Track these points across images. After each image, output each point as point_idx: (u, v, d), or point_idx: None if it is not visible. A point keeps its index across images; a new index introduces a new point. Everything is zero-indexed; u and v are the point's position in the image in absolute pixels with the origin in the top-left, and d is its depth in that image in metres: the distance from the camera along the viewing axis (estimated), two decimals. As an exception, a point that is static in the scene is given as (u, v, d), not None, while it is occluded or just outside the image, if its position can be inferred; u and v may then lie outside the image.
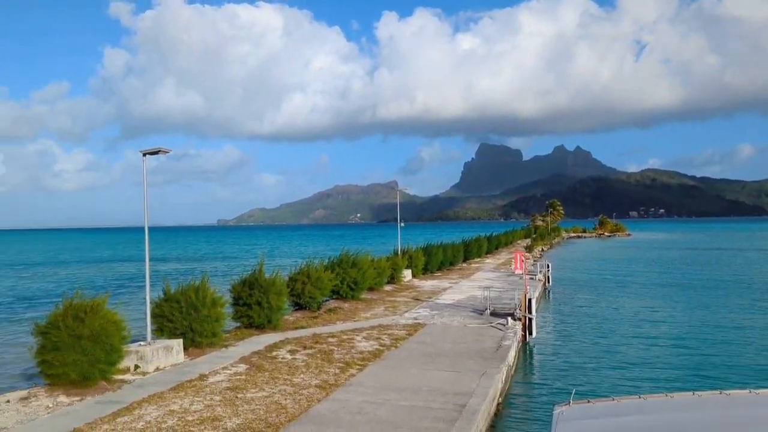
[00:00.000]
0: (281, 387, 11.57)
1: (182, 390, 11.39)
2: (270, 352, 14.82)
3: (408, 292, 28.61)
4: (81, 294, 12.30)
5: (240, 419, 9.56)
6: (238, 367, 13.29)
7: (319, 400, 10.70)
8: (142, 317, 16.16)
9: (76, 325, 11.46)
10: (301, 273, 22.06)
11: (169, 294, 15.38)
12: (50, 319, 11.77)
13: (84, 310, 11.77)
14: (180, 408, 10.20)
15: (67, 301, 12.02)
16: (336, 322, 19.85)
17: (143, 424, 9.33)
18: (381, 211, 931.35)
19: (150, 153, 13.54)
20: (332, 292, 23.96)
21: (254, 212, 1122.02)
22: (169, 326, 15.00)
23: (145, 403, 10.50)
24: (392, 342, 16.03)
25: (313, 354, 14.58)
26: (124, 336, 12.43)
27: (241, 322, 18.25)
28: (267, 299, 17.73)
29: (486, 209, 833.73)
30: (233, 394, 11.08)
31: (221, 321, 15.86)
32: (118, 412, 9.99)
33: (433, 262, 38.58)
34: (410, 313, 21.43)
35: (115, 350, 11.97)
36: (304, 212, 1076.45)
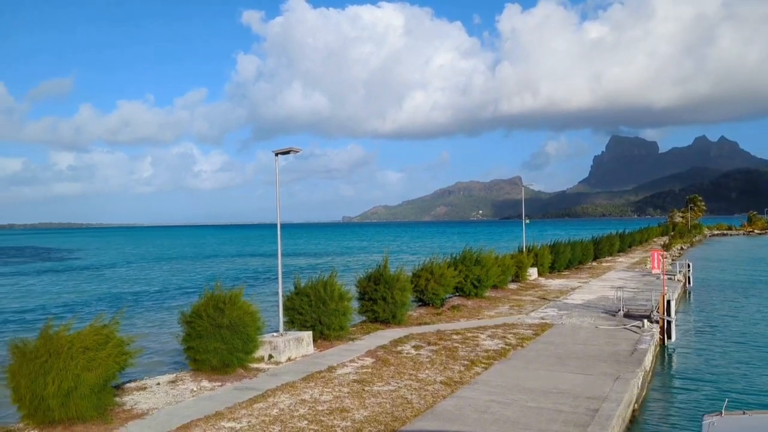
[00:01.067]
0: (406, 382, 11.63)
1: (312, 380, 11.81)
2: (395, 347, 14.98)
3: (534, 290, 27.76)
4: (220, 286, 13.12)
5: (367, 411, 9.72)
6: (365, 361, 13.56)
7: (445, 396, 10.63)
8: (273, 309, 17.02)
9: (216, 315, 12.25)
10: (424, 270, 22.11)
11: (300, 288, 16.02)
12: (194, 310, 12.66)
13: (223, 302, 12.54)
14: (311, 398, 10.57)
15: (209, 293, 12.86)
16: (459, 319, 19.70)
17: (277, 411, 9.77)
18: (503, 207, 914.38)
19: (282, 153, 14.16)
20: (455, 289, 23.81)
21: (377, 209, 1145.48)
22: (299, 319, 15.64)
23: (279, 392, 11.00)
24: (518, 341, 15.60)
25: (437, 350, 14.54)
26: (259, 327, 13.09)
27: (366, 317, 18.64)
28: (391, 295, 17.96)
29: (617, 205, 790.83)
30: (360, 386, 11.31)
31: (348, 315, 16.28)
32: (254, 399, 10.54)
33: (560, 261, 37.15)
34: (537, 313, 20.76)
35: (251, 340, 12.66)
36: (426, 209, 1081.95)
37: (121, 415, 9.80)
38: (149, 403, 10.47)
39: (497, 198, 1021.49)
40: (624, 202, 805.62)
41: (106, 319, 10.04)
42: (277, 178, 14.51)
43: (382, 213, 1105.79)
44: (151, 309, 29.99)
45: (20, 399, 9.20)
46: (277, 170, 14.46)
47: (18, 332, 22.71)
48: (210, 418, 9.51)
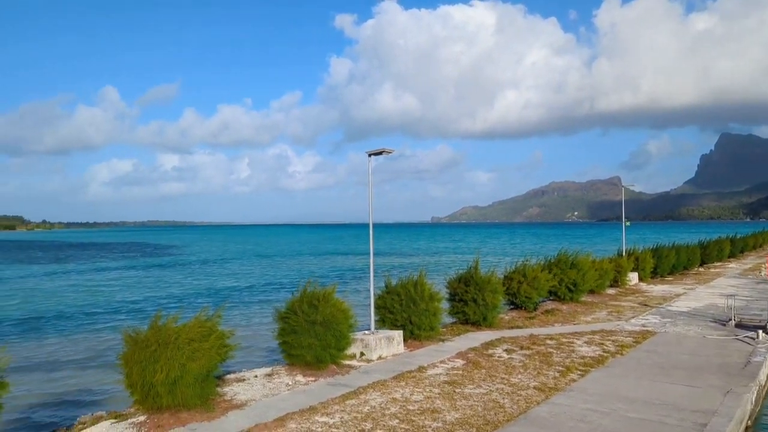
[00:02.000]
0: (498, 385, 11.43)
1: (403, 380, 11.85)
2: (486, 350, 14.76)
3: (634, 296, 26.47)
4: (314, 283, 13.47)
5: (458, 414, 9.63)
6: (455, 362, 13.45)
7: (539, 402, 10.34)
8: (363, 307, 17.24)
9: (310, 311, 12.57)
10: (516, 272, 21.65)
11: (390, 287, 16.14)
12: (289, 306, 13.06)
13: (317, 298, 12.85)
14: (401, 397, 10.61)
15: (303, 290, 13.22)
16: (553, 323, 19.12)
17: (369, 409, 9.88)
18: (600, 209, 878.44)
19: (375, 153, 14.33)
20: (549, 293, 23.13)
21: (467, 210, 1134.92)
22: (390, 318, 15.75)
23: (370, 389, 11.12)
24: (617, 349, 14.92)
25: (530, 355, 14.18)
26: (351, 324, 13.31)
27: (457, 318, 18.49)
28: (482, 297, 17.71)
29: (727, 207, 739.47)
30: (451, 388, 11.23)
31: (438, 315, 16.21)
32: (346, 395, 10.73)
33: (663, 265, 35.17)
34: (637, 320, 19.76)
35: (343, 337, 12.90)
36: (517, 210, 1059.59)
37: (221, 404, 10.26)
38: (247, 395, 10.90)
39: (594, 199, 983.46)
40: (735, 204, 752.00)
41: (209, 312, 10.53)
42: (370, 179, 14.69)
43: (471, 213, 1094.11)
44: (248, 303, 31.28)
45: (132, 385, 9.85)
46: (370, 171, 14.64)
47: (127, 321, 24.42)
48: (304, 412, 9.77)
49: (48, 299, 35.54)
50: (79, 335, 23.32)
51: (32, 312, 30.08)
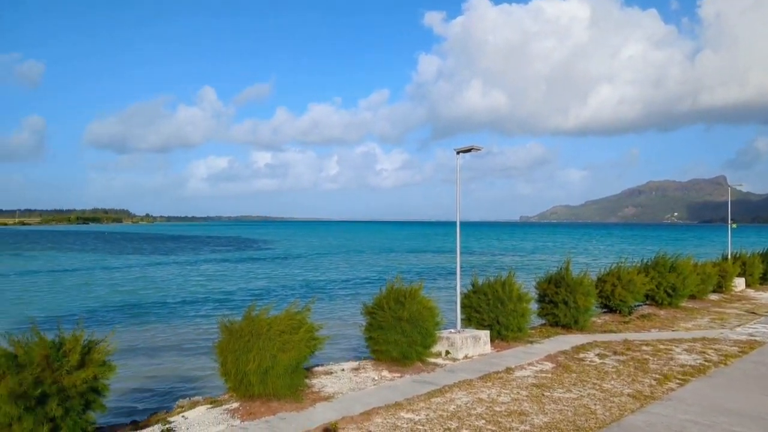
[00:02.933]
0: (590, 391, 11.01)
1: (489, 380, 11.68)
2: (577, 354, 14.27)
3: (740, 303, 24.74)
4: (400, 280, 13.52)
5: (547, 417, 9.36)
6: (544, 365, 13.09)
7: (633, 410, 9.86)
8: (449, 305, 17.14)
9: (397, 308, 12.63)
10: (610, 274, 20.79)
11: (477, 286, 15.94)
12: (375, 301, 13.20)
13: (404, 295, 12.89)
14: (488, 397, 10.45)
15: (390, 286, 13.31)
16: (650, 329, 18.19)
17: (454, 408, 9.81)
18: (702, 210, 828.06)
19: (463, 151, 14.18)
20: (646, 297, 22.06)
21: (557, 209, 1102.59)
22: (476, 317, 15.57)
23: (456, 388, 11.04)
24: (720, 358, 13.99)
25: (624, 361, 13.57)
26: (437, 322, 13.26)
27: (546, 320, 18.00)
28: (574, 299, 17.13)
29: None
30: (539, 391, 10.94)
31: (526, 316, 15.85)
32: (432, 393, 10.70)
33: (774, 271, 32.62)
34: (744, 328, 18.45)
35: (429, 335, 12.87)
36: (612, 210, 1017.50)
37: (310, 396, 10.52)
38: (335, 388, 11.12)
39: (695, 199, 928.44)
40: None
41: (299, 305, 10.82)
42: (458, 176, 14.56)
43: (562, 213, 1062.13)
44: (336, 297, 31.90)
45: (227, 373, 10.29)
46: (458, 168, 14.51)
47: (220, 311, 25.53)
48: (390, 407, 9.83)
49: (150, 288, 37.83)
50: (177, 322, 24.65)
51: (136, 299, 32.12)
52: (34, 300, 32.40)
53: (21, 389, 7.33)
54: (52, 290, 37.14)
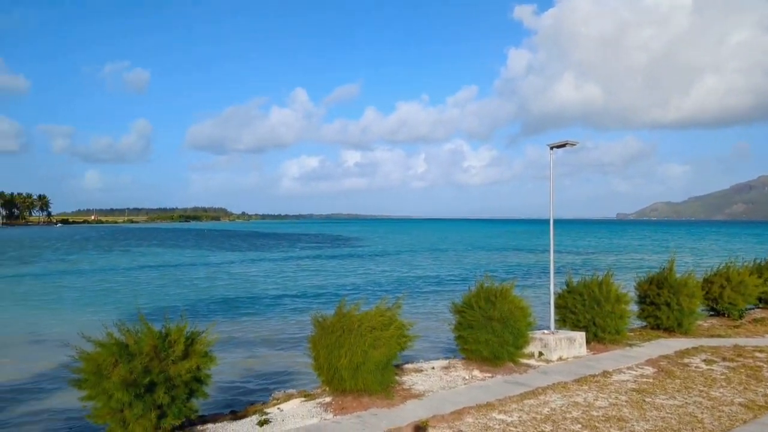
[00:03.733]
0: (696, 398, 10.34)
1: (585, 383, 11.24)
2: (681, 359, 13.46)
3: None
4: (490, 278, 13.29)
5: (648, 425, 8.88)
6: (645, 369, 12.44)
7: (745, 421, 9.16)
8: (541, 306, 16.66)
9: (487, 307, 12.42)
10: (718, 275, 19.47)
11: (572, 286, 15.41)
12: (465, 300, 13.04)
13: (494, 294, 12.66)
14: (584, 401, 10.06)
15: (479, 284, 13.11)
16: (764, 334, 16.88)
17: (548, 411, 9.51)
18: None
19: (557, 146, 13.73)
20: (759, 300, 20.50)
21: (657, 206, 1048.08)
22: (571, 318, 15.05)
23: (549, 390, 10.71)
24: None
25: (734, 368, 12.65)
26: (530, 322, 12.92)
27: (647, 323, 17.14)
28: (677, 301, 16.19)
29: None
30: (640, 396, 10.40)
31: (625, 319, 15.13)
32: (524, 394, 10.43)
33: None
34: None
35: (521, 335, 12.57)
36: (718, 206, 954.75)
37: (400, 392, 10.55)
38: (425, 386, 11.08)
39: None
40: None
41: (389, 302, 10.86)
42: (552, 172, 14.11)
43: (662, 210, 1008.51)
44: (425, 294, 31.88)
45: (319, 367, 10.51)
46: (552, 164, 14.06)
47: (313, 305, 26.16)
48: (481, 407, 9.68)
49: (245, 283, 39.42)
50: (271, 316, 25.52)
51: (232, 294, 33.57)
52: (142, 292, 34.62)
53: (131, 377, 7.81)
54: (156, 284, 39.55)
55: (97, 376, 7.85)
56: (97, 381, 7.85)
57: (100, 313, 26.51)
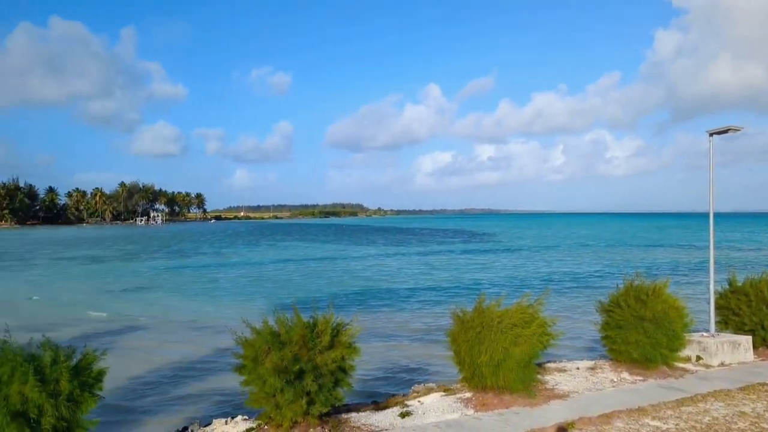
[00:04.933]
0: None
1: (753, 392, 10.19)
2: None
3: None
4: (640, 276, 12.46)
5: (834, 445, 7.86)
6: (826, 381, 11.02)
7: None
8: (695, 306, 15.33)
9: (638, 306, 11.67)
10: None
11: (736, 285, 14.03)
12: (612, 299, 12.35)
13: (645, 293, 11.86)
14: (752, 412, 9.12)
15: (628, 282, 12.34)
16: None
17: (710, 420, 8.74)
18: None
19: (718, 132, 12.55)
20: None
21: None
22: (734, 320, 13.73)
23: (711, 398, 9.84)
24: None
25: None
26: (686, 323, 11.96)
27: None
28: None
29: None
30: (822, 411, 9.22)
31: (800, 323, 13.51)
32: (681, 401, 9.67)
33: None
34: None
35: (676, 337, 11.67)
36: None
37: (543, 392, 10.23)
38: (569, 386, 10.65)
39: None
40: None
41: (530, 299, 10.56)
42: (711, 161, 12.91)
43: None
44: (567, 291, 30.66)
45: (460, 363, 10.47)
46: (711, 152, 12.86)
47: (448, 299, 26.16)
48: (632, 412, 9.12)
49: (382, 276, 40.34)
50: (408, 309, 25.90)
51: (370, 286, 34.50)
52: (287, 284, 36.68)
53: (282, 364, 8.26)
54: (299, 276, 41.70)
55: (254, 362, 8.41)
56: (254, 367, 8.41)
57: (251, 302, 28.51)
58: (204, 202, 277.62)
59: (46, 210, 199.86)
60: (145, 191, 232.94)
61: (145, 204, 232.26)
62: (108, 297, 31.66)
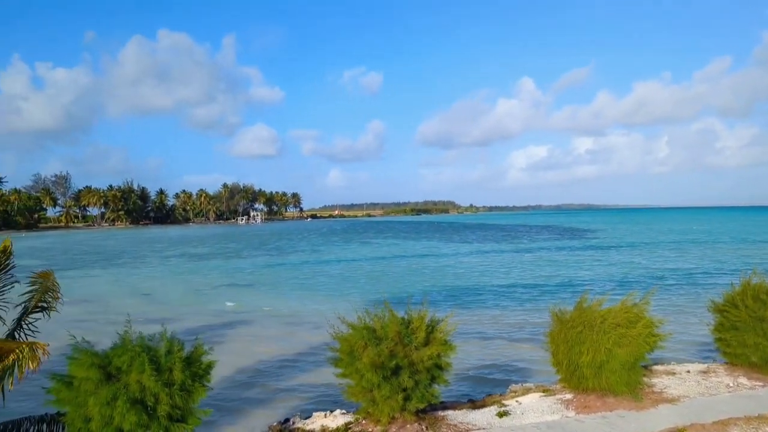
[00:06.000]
0: None
1: None
2: None
3: None
4: (759, 274, 11.56)
5: None
6: None
7: None
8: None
9: (756, 306, 10.83)
10: None
11: None
12: (727, 298, 11.55)
13: (764, 291, 10.99)
14: None
15: (745, 281, 11.49)
16: None
17: (844, 433, 7.96)
18: None
19: None
20: None
21: None
22: None
23: (844, 409, 8.96)
24: None
25: None
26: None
27: None
28: None
29: None
30: None
31: None
32: (809, 411, 8.88)
33: None
34: None
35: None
36: None
37: (650, 396, 9.72)
38: (679, 390, 10.06)
39: None
40: None
41: (636, 298, 10.06)
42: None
43: None
44: (672, 289, 28.99)
45: (558, 363, 10.16)
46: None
47: (544, 298, 25.42)
48: (751, 419, 8.48)
49: (475, 273, 39.88)
50: (502, 307, 25.44)
51: (463, 284, 34.19)
52: (380, 280, 37.09)
53: (379, 360, 8.36)
54: (392, 272, 42.03)
55: (350, 356, 8.57)
56: (351, 361, 8.57)
57: (346, 298, 29.08)
58: (300, 201, 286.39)
59: (157, 210, 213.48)
60: (245, 191, 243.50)
61: (245, 204, 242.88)
62: (212, 293, 33.39)
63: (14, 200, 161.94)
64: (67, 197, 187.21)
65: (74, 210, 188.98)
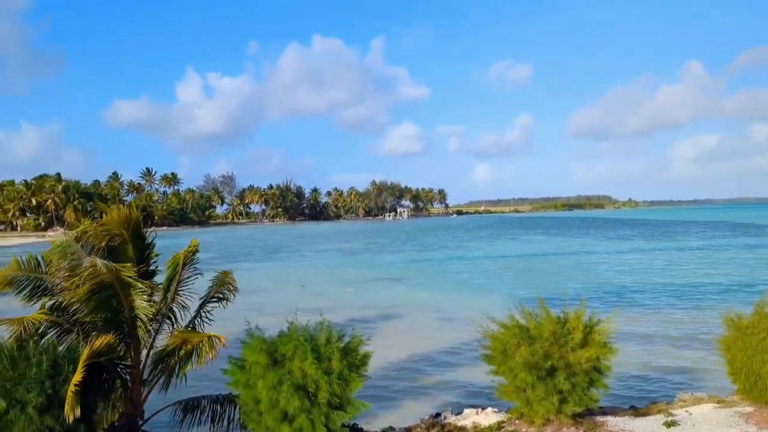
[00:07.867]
0: None
1: None
2: None
3: None
4: None
5: None
6: None
7: None
8: None
9: None
10: None
11: None
12: None
13: None
14: None
15: None
16: None
17: None
18: None
19: None
20: None
21: None
22: None
23: None
24: None
25: None
26: None
27: None
28: None
29: None
30: None
31: None
32: None
33: None
34: None
35: None
36: None
37: None
38: None
39: None
40: None
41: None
42: None
43: None
44: None
45: (735, 373, 9.20)
46: None
47: (715, 301, 23.13)
48: None
49: (632, 273, 37.37)
50: (665, 310, 23.62)
51: (619, 283, 32.20)
52: (529, 278, 36.11)
53: (533, 360, 8.13)
54: (542, 270, 40.74)
55: (503, 354, 8.44)
56: (503, 359, 8.43)
57: (493, 295, 28.71)
58: (446, 197, 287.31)
59: (311, 207, 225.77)
60: (392, 189, 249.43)
61: (392, 200, 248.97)
62: (364, 286, 34.66)
63: (189, 199, 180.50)
64: (232, 196, 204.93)
65: (239, 207, 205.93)
